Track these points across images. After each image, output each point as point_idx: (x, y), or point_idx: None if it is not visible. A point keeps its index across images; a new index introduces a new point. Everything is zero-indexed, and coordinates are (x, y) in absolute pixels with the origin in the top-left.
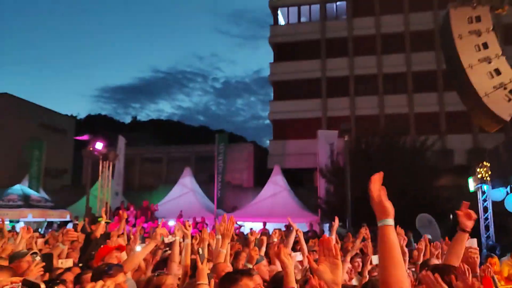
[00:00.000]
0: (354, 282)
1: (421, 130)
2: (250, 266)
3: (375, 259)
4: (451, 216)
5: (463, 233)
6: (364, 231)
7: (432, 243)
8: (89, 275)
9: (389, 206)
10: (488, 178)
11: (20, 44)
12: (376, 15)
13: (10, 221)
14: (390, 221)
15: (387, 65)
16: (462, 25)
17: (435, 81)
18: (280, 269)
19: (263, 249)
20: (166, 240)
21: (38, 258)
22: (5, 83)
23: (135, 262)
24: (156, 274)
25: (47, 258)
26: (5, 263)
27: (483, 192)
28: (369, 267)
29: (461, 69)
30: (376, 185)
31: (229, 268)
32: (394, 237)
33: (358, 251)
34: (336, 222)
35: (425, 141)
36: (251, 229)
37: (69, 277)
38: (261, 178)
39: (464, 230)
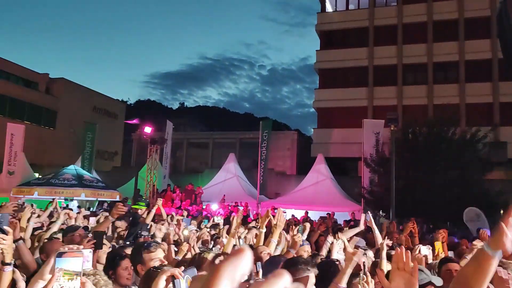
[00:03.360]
0: None
1: (472, 121)
2: (293, 251)
3: (423, 250)
4: (501, 211)
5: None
6: (412, 226)
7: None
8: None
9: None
10: None
11: (76, 33)
12: (428, 1)
13: (65, 199)
14: (497, 253)
15: (438, 53)
16: None
17: (489, 71)
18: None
19: (305, 235)
20: (216, 220)
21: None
22: (62, 69)
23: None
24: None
25: (98, 236)
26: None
27: None
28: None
29: None
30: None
31: (267, 250)
32: (492, 270)
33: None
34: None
35: (476, 132)
36: (292, 215)
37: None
38: (304, 166)
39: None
